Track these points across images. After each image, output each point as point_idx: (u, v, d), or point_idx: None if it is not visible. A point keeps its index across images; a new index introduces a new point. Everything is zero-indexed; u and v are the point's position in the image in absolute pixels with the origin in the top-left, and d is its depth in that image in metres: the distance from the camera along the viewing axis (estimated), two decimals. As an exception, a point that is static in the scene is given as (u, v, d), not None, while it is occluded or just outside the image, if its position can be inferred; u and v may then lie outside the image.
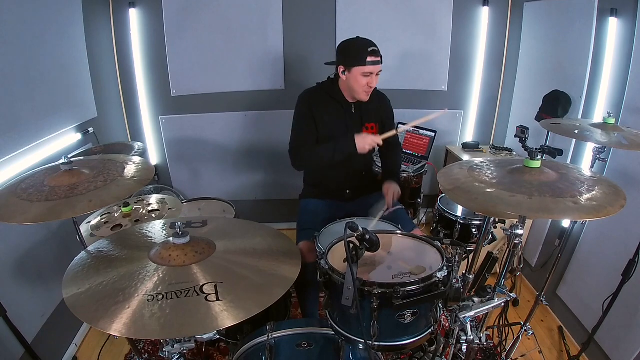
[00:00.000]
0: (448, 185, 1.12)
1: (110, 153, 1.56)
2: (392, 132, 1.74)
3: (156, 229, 1.21)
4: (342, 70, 1.67)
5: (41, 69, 1.84)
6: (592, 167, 1.58)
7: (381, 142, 1.69)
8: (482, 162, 1.22)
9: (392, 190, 1.77)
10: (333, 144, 1.68)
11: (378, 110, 1.84)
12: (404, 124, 2.72)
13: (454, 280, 1.08)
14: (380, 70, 1.64)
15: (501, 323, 1.73)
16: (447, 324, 1.49)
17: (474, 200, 1.01)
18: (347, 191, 1.88)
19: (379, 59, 1.61)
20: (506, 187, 1.01)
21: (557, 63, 2.22)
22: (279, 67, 2.65)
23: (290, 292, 1.24)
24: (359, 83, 1.64)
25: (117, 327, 0.80)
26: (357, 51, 1.60)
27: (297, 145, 1.77)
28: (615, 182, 1.06)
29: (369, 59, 1.58)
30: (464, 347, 1.20)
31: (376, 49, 1.61)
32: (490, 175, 1.11)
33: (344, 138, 1.67)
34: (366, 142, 1.65)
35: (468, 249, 1.78)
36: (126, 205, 1.57)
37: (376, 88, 1.81)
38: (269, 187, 3.00)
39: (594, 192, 0.98)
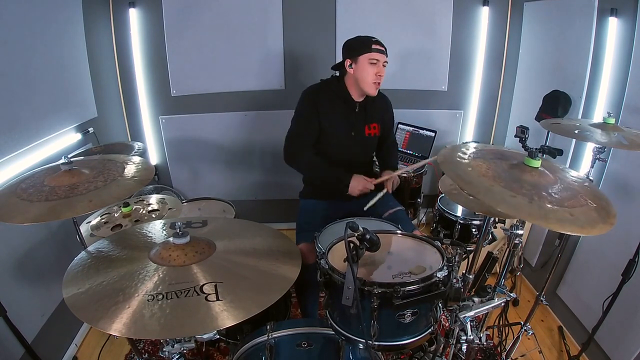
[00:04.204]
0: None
1: (110, 153, 1.56)
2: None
3: (156, 229, 1.21)
4: (349, 64, 1.69)
5: (41, 69, 1.84)
6: (592, 167, 1.58)
7: (373, 188, 1.73)
8: (484, 147, 1.19)
9: (391, 177, 1.78)
10: (330, 171, 1.73)
11: (381, 110, 1.85)
12: (404, 124, 2.74)
13: (454, 280, 1.08)
14: (386, 62, 1.67)
15: (501, 323, 1.73)
16: (447, 324, 1.49)
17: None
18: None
19: (383, 49, 1.66)
20: (507, 185, 1.00)
21: (557, 63, 2.22)
22: (279, 67, 2.65)
23: (290, 292, 1.25)
24: (367, 72, 1.65)
25: (117, 327, 0.80)
26: (362, 41, 1.66)
27: (294, 139, 1.76)
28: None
29: (374, 46, 1.64)
30: (464, 347, 1.20)
31: (379, 40, 1.67)
32: (491, 167, 1.09)
33: (342, 173, 1.71)
34: (359, 187, 1.70)
35: (468, 248, 1.79)
36: (126, 205, 1.57)
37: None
38: (269, 187, 3.00)
39: (587, 206, 0.97)
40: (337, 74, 1.79)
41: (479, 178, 1.02)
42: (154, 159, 2.86)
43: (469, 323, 1.11)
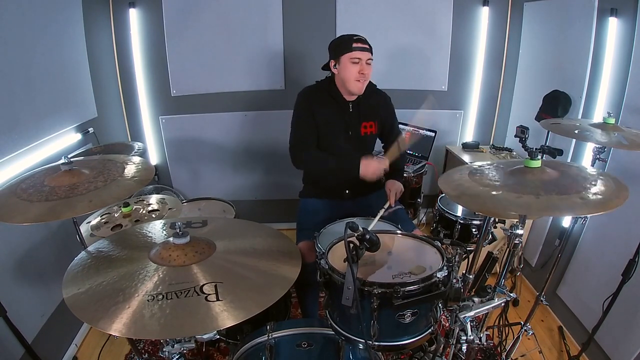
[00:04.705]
0: (452, 192, 1.11)
1: (110, 153, 1.56)
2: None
3: (156, 229, 1.21)
4: (333, 64, 1.69)
5: (41, 69, 1.84)
6: (592, 167, 1.58)
7: (388, 168, 1.70)
8: (481, 166, 1.21)
9: (395, 188, 1.77)
10: (339, 161, 1.71)
11: (377, 108, 1.83)
12: (405, 124, 2.74)
13: (454, 280, 1.08)
14: (371, 59, 1.65)
15: (501, 323, 1.73)
16: (447, 324, 1.49)
17: (481, 205, 1.01)
18: (347, 191, 1.87)
19: (366, 46, 1.63)
20: (511, 189, 1.00)
21: (557, 63, 2.22)
22: (279, 67, 2.66)
23: (290, 292, 1.24)
24: (349, 71, 1.64)
25: (117, 327, 0.80)
26: (343, 41, 1.65)
27: (298, 143, 1.76)
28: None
29: (354, 44, 1.61)
30: (464, 347, 1.20)
31: (362, 37, 1.64)
32: (492, 178, 1.10)
33: (351, 159, 1.68)
34: (370, 169, 1.66)
35: (468, 249, 1.78)
36: (126, 205, 1.57)
37: (376, 87, 1.82)
38: (269, 187, 3.00)
39: (597, 187, 0.98)
40: (330, 75, 1.79)
41: (481, 189, 1.03)
42: (154, 159, 2.86)
43: (469, 323, 1.11)
